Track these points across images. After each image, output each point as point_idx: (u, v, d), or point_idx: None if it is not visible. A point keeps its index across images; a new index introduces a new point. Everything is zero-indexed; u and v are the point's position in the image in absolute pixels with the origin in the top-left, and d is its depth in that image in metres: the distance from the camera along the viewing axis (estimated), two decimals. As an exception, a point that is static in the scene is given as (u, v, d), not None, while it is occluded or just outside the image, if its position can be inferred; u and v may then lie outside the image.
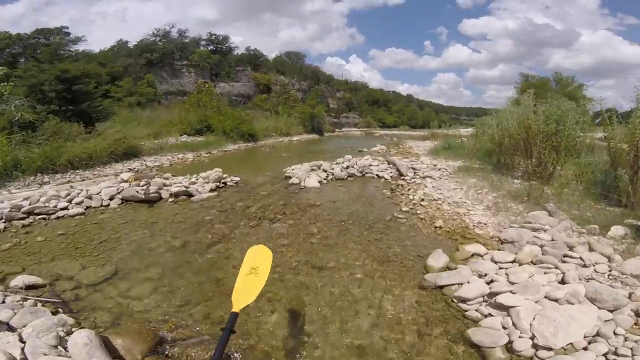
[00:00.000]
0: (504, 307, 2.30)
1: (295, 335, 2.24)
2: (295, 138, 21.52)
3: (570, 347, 1.98)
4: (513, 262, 2.94)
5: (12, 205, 4.46)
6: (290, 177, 6.94)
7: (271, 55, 40.75)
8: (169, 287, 2.79)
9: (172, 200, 5.36)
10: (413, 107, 59.57)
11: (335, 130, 34.54)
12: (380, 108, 52.13)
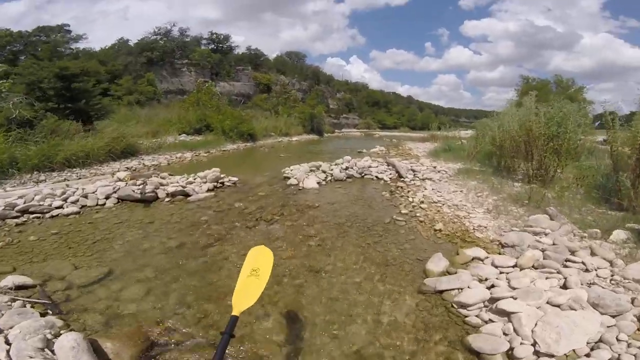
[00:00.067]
0: (505, 312, 2.25)
1: (292, 340, 2.18)
2: (294, 138, 21.50)
3: (573, 354, 1.93)
4: (514, 266, 2.89)
5: (6, 203, 4.40)
6: (288, 177, 6.89)
7: (272, 55, 40.70)
8: (163, 289, 2.74)
9: (168, 200, 5.30)
10: (413, 109, 59.55)
11: (335, 131, 34.52)
12: (380, 109, 52.07)
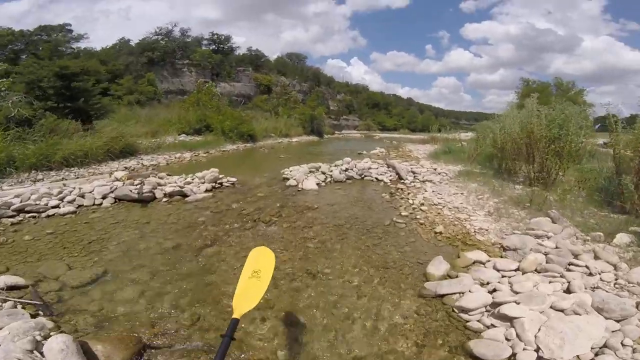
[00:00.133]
0: (507, 317, 2.20)
1: (288, 345, 2.13)
2: (294, 139, 21.46)
3: (576, 360, 1.88)
4: (516, 270, 2.84)
5: (2, 202, 4.36)
6: (288, 178, 6.83)
7: (273, 56, 40.73)
8: (157, 290, 2.69)
9: (166, 200, 5.25)
10: (413, 111, 59.55)
11: (335, 132, 34.52)
12: (381, 111, 52.09)
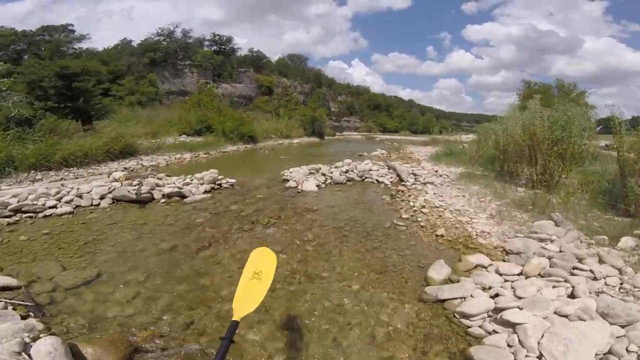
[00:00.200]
0: (510, 323, 2.14)
1: (285, 351, 2.08)
2: (295, 140, 21.41)
3: (581, 367, 1.81)
4: (520, 274, 2.78)
5: (-1, 202, 4.31)
6: (287, 180, 6.77)
7: (274, 58, 40.80)
8: (152, 293, 2.64)
9: (164, 201, 5.20)
10: (414, 113, 59.52)
11: (336, 133, 34.50)
12: (382, 113, 52.10)
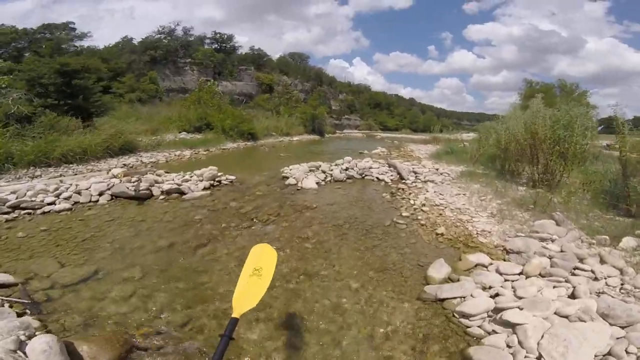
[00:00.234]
0: (510, 324, 2.12)
1: (284, 349, 2.06)
2: (295, 138, 21.36)
3: (580, 369, 1.80)
4: (520, 274, 2.75)
5: (-3, 198, 4.29)
6: (287, 177, 6.74)
7: (275, 56, 40.59)
8: (149, 290, 2.63)
9: (163, 198, 5.18)
10: (415, 111, 59.28)
11: (337, 131, 34.39)
12: (383, 111, 51.85)
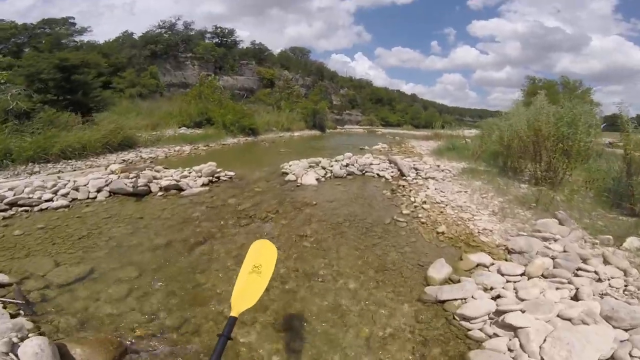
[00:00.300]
0: (511, 327, 2.07)
1: (281, 351, 2.03)
2: (296, 133, 21.26)
3: (583, 373, 1.76)
4: (522, 275, 2.70)
5: (-6, 195, 4.26)
6: (287, 173, 6.69)
7: (276, 51, 40.33)
8: (145, 290, 2.59)
9: (161, 194, 5.12)
10: (417, 107, 58.93)
11: (338, 127, 34.25)
12: (384, 106, 51.59)
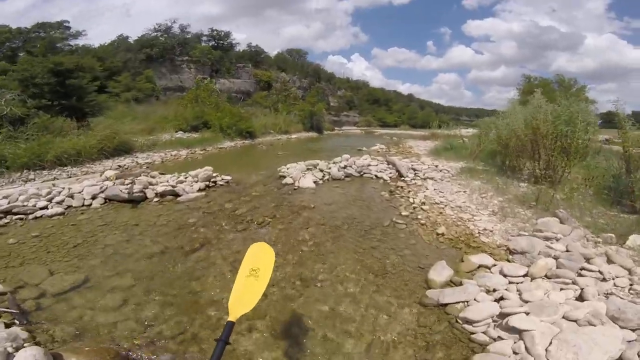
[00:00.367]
0: (516, 330, 2.03)
1: (279, 358, 1.98)
2: (294, 136, 21.20)
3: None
4: (525, 276, 2.66)
5: (-13, 204, 4.19)
6: (284, 176, 6.63)
7: (273, 53, 40.28)
8: (141, 298, 2.54)
9: (157, 200, 5.06)
10: (414, 107, 58.96)
11: (335, 128, 34.18)
12: (381, 107, 51.60)
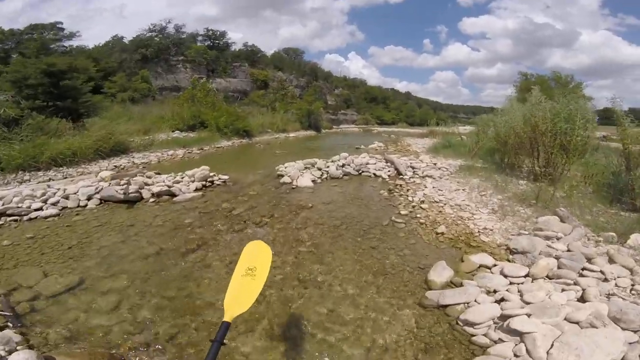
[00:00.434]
0: (517, 332, 2.00)
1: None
2: (291, 134, 21.11)
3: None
4: (526, 276, 2.63)
5: (-19, 206, 4.13)
6: (282, 175, 6.56)
7: (270, 52, 40.13)
8: (136, 300, 2.51)
9: (153, 201, 5.00)
10: (411, 105, 58.97)
11: (333, 127, 34.09)
12: (379, 105, 51.54)
